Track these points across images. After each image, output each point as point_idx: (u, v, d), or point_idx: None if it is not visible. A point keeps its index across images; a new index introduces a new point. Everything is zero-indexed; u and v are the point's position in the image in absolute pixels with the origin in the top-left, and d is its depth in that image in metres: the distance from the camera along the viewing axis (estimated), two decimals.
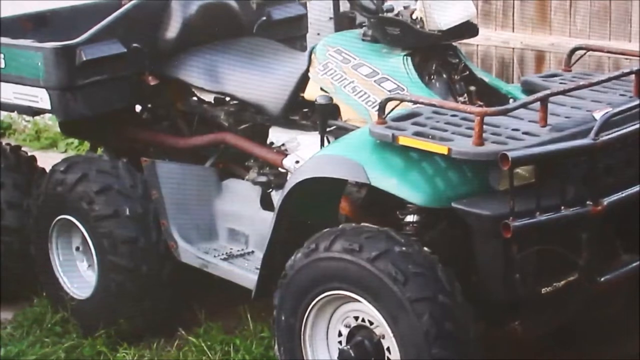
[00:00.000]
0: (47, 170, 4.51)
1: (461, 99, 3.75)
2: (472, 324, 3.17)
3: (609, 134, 3.09)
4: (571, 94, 3.42)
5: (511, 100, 3.68)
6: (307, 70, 3.94)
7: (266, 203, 4.16)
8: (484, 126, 3.08)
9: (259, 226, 4.02)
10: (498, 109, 3.18)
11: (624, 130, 3.15)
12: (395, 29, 3.72)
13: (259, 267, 3.77)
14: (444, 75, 3.77)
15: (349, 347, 3.34)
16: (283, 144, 4.10)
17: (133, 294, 4.23)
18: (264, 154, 4.15)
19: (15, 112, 4.80)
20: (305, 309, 3.40)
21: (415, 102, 3.36)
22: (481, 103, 3.71)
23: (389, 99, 3.32)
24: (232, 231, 4.22)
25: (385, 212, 3.49)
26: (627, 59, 4.23)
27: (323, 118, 3.77)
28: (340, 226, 3.38)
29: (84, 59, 4.21)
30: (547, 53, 4.82)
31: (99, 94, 4.31)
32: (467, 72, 3.81)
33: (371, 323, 3.31)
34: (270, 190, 4.16)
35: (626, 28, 4.57)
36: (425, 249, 3.23)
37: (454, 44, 3.82)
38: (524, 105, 3.22)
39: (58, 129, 5.38)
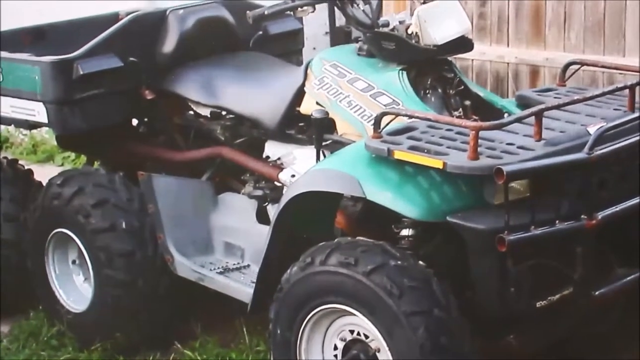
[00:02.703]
0: (44, 184, 4.52)
1: (456, 113, 3.75)
2: (468, 338, 3.17)
3: (603, 149, 3.10)
4: (566, 108, 3.43)
5: (506, 115, 3.69)
6: (303, 85, 3.95)
7: (262, 217, 4.17)
8: (479, 140, 3.09)
9: (255, 240, 4.02)
10: (493, 123, 3.19)
11: (618, 145, 3.16)
12: (390, 44, 3.73)
13: (254, 280, 3.77)
14: (439, 90, 3.78)
15: None
16: (279, 158, 4.11)
17: (129, 307, 4.23)
18: (260, 167, 4.17)
19: (12, 125, 4.81)
20: (301, 322, 3.40)
21: (410, 117, 3.37)
22: (476, 117, 3.72)
23: (384, 113, 3.34)
24: (228, 245, 4.23)
25: (381, 226, 3.50)
26: (621, 73, 4.23)
27: (319, 132, 3.79)
28: (336, 240, 3.39)
29: (81, 73, 4.22)
30: (541, 68, 4.83)
31: (95, 108, 4.32)
32: (462, 87, 3.82)
33: (367, 337, 3.31)
34: (266, 204, 4.16)
35: (620, 43, 4.58)
36: (421, 262, 3.23)
37: (449, 58, 3.83)
38: (519, 120, 3.23)
39: (55, 143, 5.39)
